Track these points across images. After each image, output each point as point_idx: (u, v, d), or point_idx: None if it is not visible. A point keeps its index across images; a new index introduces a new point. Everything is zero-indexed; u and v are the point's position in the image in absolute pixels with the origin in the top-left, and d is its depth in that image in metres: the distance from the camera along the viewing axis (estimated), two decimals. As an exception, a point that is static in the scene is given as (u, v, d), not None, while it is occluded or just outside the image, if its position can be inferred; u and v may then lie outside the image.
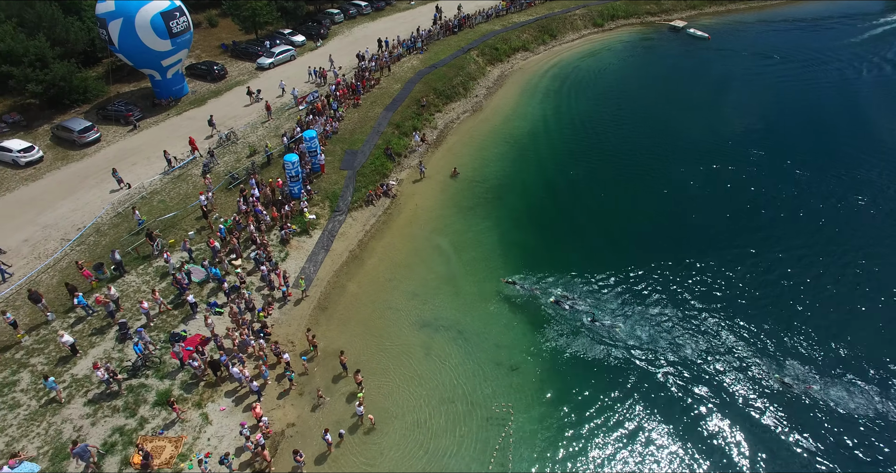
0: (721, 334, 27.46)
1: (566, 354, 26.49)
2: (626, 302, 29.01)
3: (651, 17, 67.63)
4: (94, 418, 21.75)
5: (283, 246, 30.87)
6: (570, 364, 26.10)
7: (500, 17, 60.65)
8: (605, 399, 24.65)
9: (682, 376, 25.51)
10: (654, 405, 24.43)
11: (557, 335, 27.38)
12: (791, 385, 24.95)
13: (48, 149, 36.92)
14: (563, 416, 23.95)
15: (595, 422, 23.77)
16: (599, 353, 26.50)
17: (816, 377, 25.38)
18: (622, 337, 27.14)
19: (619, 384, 25.28)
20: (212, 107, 41.89)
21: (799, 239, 33.39)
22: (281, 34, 52.90)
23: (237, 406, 23.05)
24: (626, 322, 27.92)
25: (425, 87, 46.52)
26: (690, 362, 26.11)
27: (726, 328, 27.75)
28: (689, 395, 24.74)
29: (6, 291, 26.37)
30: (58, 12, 41.58)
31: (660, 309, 28.73)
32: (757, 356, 26.34)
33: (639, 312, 28.47)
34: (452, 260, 31.71)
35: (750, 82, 52.79)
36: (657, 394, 24.84)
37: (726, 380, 25.31)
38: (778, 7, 73.83)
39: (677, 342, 26.99)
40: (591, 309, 28.26)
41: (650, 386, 25.17)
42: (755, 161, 40.77)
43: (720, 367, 25.87)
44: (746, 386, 25.07)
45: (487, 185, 37.84)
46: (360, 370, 24.34)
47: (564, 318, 28.13)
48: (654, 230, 34.11)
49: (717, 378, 25.43)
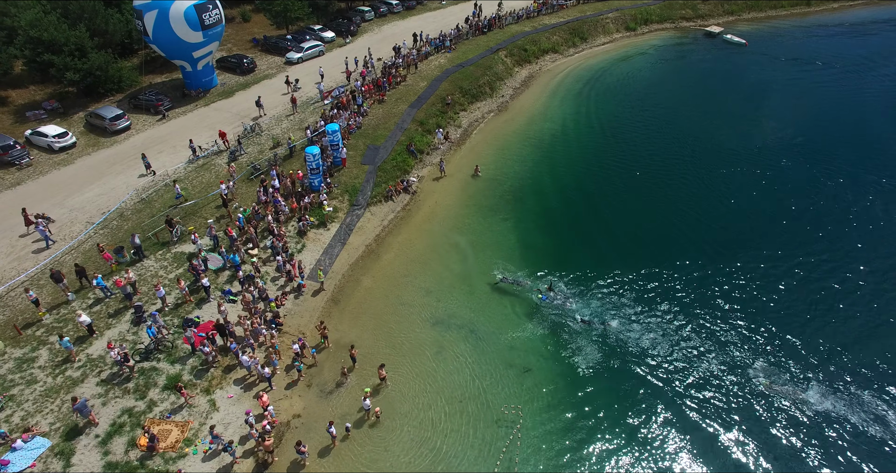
0: (748, 346, 26.47)
1: (580, 359, 25.83)
2: (644, 309, 28.20)
3: (686, 23, 66.30)
4: (105, 398, 22.03)
5: (301, 238, 30.97)
6: (584, 369, 25.43)
7: (530, 18, 60.21)
8: (617, 406, 23.92)
9: (698, 388, 24.64)
10: (666, 413, 23.62)
11: (572, 339, 26.75)
12: (780, 390, 24.37)
13: (81, 135, 37.89)
14: (574, 421, 23.32)
15: (605, 428, 23.08)
16: (614, 360, 25.78)
17: (805, 382, 24.63)
18: (636, 345, 26.38)
19: (632, 391, 24.53)
20: (239, 99, 42.57)
21: (821, 248, 32.25)
22: (311, 30, 53.41)
23: (245, 392, 23.09)
24: (641, 328, 27.15)
25: (451, 86, 46.35)
26: (712, 376, 25.20)
27: (755, 339, 26.74)
28: (703, 408, 23.87)
29: (33, 269, 27.08)
30: (99, 5, 42.78)
31: (680, 316, 27.86)
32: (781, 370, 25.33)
33: (657, 319, 27.65)
34: (469, 258, 31.36)
35: (788, 89, 51.20)
36: (670, 403, 24.02)
37: (748, 394, 24.34)
38: (819, 13, 71.65)
39: (697, 352, 26.10)
40: (580, 309, 28.02)
41: (663, 394, 24.36)
42: (786, 168, 39.47)
43: (741, 380, 24.91)
44: (764, 398, 24.09)
45: (509, 186, 37.39)
46: (384, 364, 24.17)
47: (580, 324, 27.51)
48: (677, 235, 33.20)
49: (738, 393, 24.48)
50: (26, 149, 35.05)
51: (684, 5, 67.45)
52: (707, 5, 68.39)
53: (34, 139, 36.27)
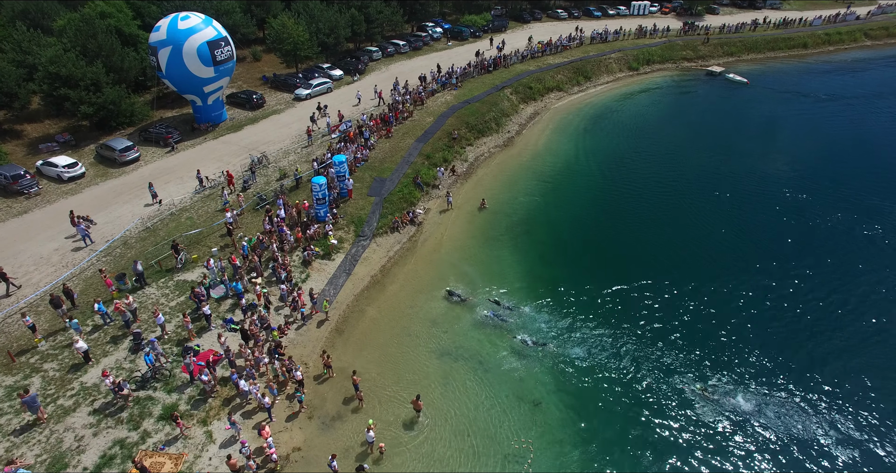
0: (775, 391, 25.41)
1: (593, 392, 24.77)
2: (649, 342, 27.32)
3: (687, 63, 67.78)
4: (96, 428, 21.06)
5: (305, 268, 30.52)
6: (596, 402, 24.35)
7: (535, 58, 61.62)
8: (630, 443, 22.71)
9: (717, 429, 23.49)
10: (687, 455, 22.38)
11: (585, 372, 25.75)
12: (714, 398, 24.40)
13: (91, 166, 38.20)
14: (586, 457, 22.09)
15: (618, 463, 21.82)
16: (627, 395, 24.72)
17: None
18: (639, 378, 25.37)
19: (645, 428, 23.34)
20: (247, 133, 43.16)
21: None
22: (320, 68, 54.75)
23: (244, 423, 22.06)
24: (652, 364, 26.18)
25: (457, 121, 46.91)
26: (742, 429, 24.09)
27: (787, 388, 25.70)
28: (735, 454, 22.65)
29: (32, 296, 26.63)
30: (117, 43, 44.10)
31: (701, 356, 26.92)
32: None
33: (670, 356, 26.70)
34: (476, 289, 30.71)
35: (792, 122, 51.85)
36: (690, 445, 22.81)
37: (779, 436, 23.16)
38: (817, 55, 73.20)
39: (727, 409, 24.94)
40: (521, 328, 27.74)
41: (681, 434, 23.18)
42: (791, 201, 39.24)
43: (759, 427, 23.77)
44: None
45: (516, 218, 37.13)
46: (419, 395, 23.19)
47: (592, 355, 26.58)
48: (681, 270, 32.39)
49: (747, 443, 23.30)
50: (35, 179, 35.27)
51: (685, 47, 69.13)
52: (707, 47, 70.09)
53: (44, 169, 36.56)
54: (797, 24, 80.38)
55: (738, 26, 76.80)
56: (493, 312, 28.94)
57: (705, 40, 70.97)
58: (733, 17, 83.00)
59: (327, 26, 54.61)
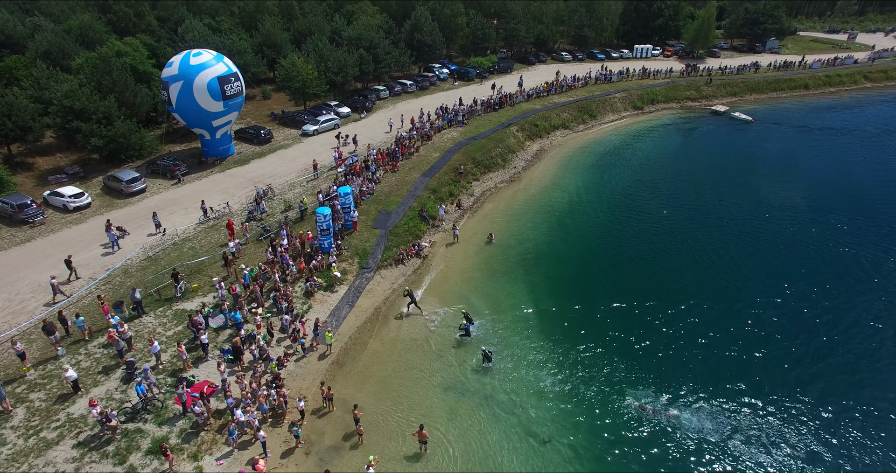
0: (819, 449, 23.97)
1: (604, 428, 23.40)
2: (664, 382, 26.04)
3: (691, 102, 68.64)
4: (79, 463, 19.86)
5: (307, 299, 29.77)
6: (608, 440, 22.95)
7: (540, 97, 62.54)
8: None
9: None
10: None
11: (596, 406, 24.44)
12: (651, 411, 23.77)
13: (97, 197, 38.21)
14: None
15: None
16: (639, 431, 23.33)
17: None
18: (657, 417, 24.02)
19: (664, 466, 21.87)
20: (254, 167, 43.33)
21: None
22: (328, 105, 55.64)
23: (237, 458, 20.80)
24: (669, 402, 24.86)
25: (464, 157, 47.05)
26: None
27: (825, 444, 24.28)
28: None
29: (25, 324, 25.92)
30: (130, 80, 45.12)
31: (706, 394, 25.61)
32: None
33: (682, 395, 25.40)
34: (484, 322, 29.74)
35: (799, 160, 51.60)
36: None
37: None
38: (820, 96, 74.10)
39: (747, 435, 23.60)
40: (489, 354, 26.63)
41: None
42: (800, 238, 38.48)
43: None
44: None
45: (523, 251, 36.48)
46: (423, 424, 21.99)
47: (604, 391, 25.30)
48: (690, 306, 31.29)
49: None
50: (41, 208, 35.17)
51: (688, 87, 70.21)
52: (710, 88, 71.16)
53: (51, 199, 36.56)
54: (797, 66, 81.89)
55: (740, 68, 78.30)
56: (496, 346, 27.87)
57: (708, 81, 72.19)
58: (734, 59, 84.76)
59: (336, 65, 55.89)
